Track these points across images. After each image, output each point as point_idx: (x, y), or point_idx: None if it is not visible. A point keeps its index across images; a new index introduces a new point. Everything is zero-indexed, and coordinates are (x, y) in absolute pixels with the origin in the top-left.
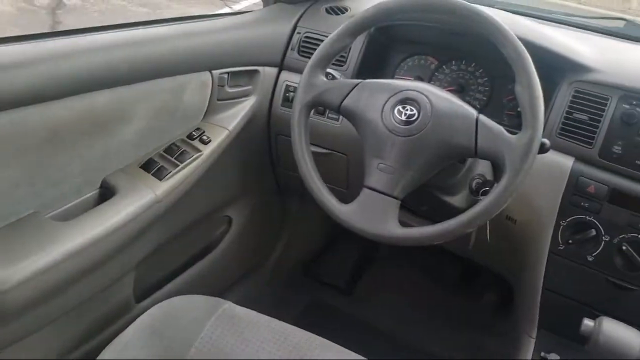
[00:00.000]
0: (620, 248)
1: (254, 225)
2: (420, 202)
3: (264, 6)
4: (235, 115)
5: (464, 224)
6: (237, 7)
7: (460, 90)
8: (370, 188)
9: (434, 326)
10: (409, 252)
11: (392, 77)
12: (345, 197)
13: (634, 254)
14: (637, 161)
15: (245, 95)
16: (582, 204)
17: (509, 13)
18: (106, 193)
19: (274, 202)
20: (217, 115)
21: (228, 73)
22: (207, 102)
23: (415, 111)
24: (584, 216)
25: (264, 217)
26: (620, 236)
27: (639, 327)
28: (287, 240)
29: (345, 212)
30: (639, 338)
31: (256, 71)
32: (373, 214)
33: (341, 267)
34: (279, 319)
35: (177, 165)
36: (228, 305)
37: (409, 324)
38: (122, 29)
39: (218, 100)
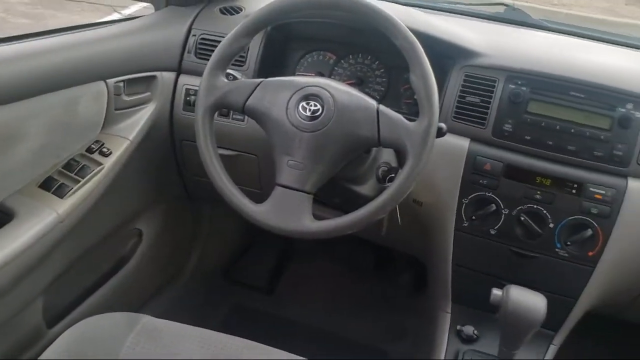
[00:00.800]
0: (519, 219)
1: (166, 235)
2: (332, 195)
3: (155, 10)
4: (136, 124)
5: (374, 211)
6: (126, 12)
7: (360, 83)
8: (282, 186)
9: (356, 314)
10: (326, 245)
11: (294, 74)
12: (260, 198)
13: (532, 223)
14: (526, 137)
15: (144, 102)
16: (480, 181)
17: (399, 5)
18: (3, 218)
19: (184, 210)
20: (117, 126)
21: (123, 81)
22: (104, 113)
23: (319, 106)
24: (483, 192)
25: (175, 226)
26: (518, 208)
27: (542, 291)
28: (202, 247)
29: (259, 212)
30: (544, 302)
31: (153, 77)
32: (287, 211)
33: (260, 267)
34: (203, 327)
35: (79, 181)
36: (147, 319)
37: (332, 315)
38: (6, 43)
39: (116, 109)
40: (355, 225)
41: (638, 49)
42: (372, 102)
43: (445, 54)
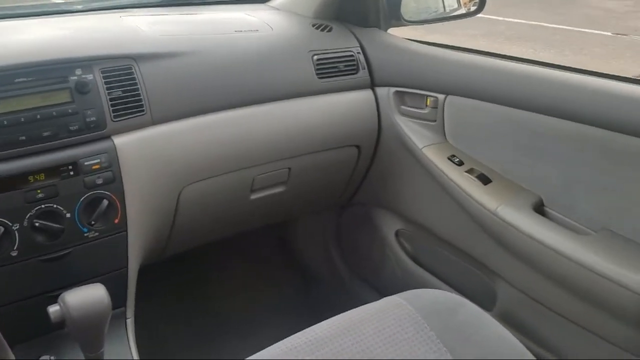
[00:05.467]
0: (34, 226)
1: None
2: None
3: None
4: None
5: None
6: None
7: None
8: None
9: None
10: None
11: None
12: None
13: (49, 223)
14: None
15: None
16: None
17: None
18: None
19: None
20: None
21: None
22: None
23: None
24: None
25: None
26: (28, 216)
27: (96, 279)
28: None
29: None
30: (102, 288)
31: None
32: None
33: None
34: None
35: None
36: None
37: None
38: None
39: None
40: None
41: (61, 14)
42: None
43: None
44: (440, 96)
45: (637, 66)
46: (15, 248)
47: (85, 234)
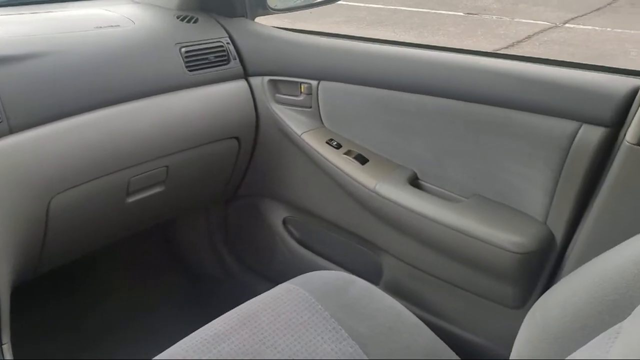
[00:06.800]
0: None
1: None
2: None
3: None
4: None
5: None
6: None
7: None
8: None
9: None
10: None
11: None
12: None
13: None
14: None
15: None
16: None
17: None
18: None
19: None
20: None
21: None
22: None
23: None
24: None
25: None
26: None
27: None
28: None
29: None
30: None
31: None
32: None
33: None
34: None
35: None
36: None
37: None
38: None
39: None
40: None
41: None
42: None
43: None
44: (313, 82)
45: (488, 43)
46: None
47: None
